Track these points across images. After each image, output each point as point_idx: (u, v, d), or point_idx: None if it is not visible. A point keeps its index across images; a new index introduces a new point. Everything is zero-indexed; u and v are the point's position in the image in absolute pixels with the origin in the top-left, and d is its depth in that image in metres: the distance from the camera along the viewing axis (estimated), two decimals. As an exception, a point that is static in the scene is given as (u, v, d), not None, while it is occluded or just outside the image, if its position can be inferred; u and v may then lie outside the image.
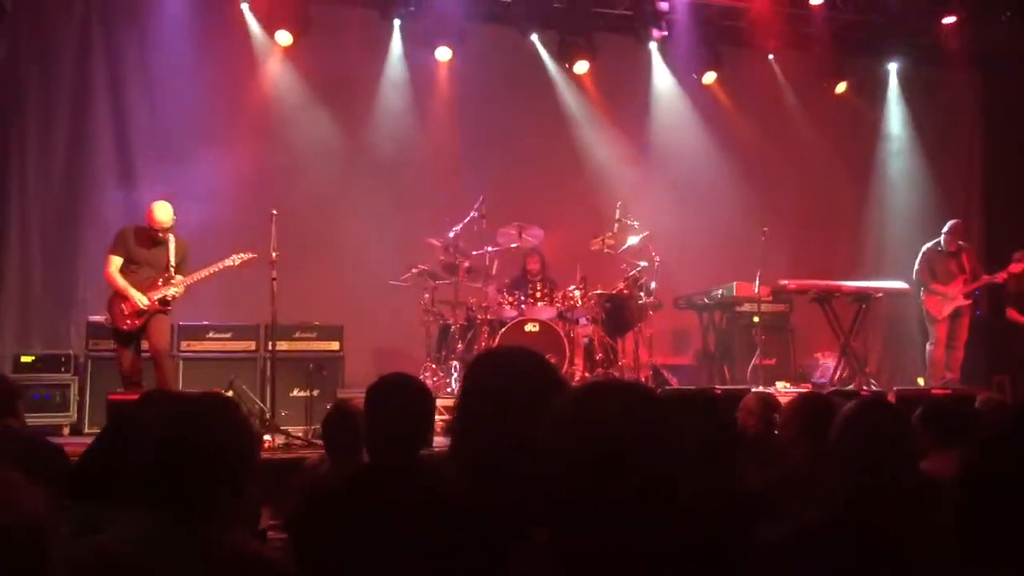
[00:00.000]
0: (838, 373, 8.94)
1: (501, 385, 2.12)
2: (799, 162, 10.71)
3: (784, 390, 7.94)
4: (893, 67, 11.26)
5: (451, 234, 8.15)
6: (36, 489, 1.39)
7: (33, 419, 6.46)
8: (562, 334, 8.01)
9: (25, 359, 7.75)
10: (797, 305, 9.67)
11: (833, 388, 7.87)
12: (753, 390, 5.58)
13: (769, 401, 4.30)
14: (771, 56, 10.73)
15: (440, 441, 2.69)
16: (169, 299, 6.80)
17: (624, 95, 10.50)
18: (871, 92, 11.16)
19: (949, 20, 10.16)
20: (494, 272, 8.46)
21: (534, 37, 10.25)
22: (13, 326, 8.39)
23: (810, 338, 9.84)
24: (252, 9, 9.27)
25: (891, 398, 6.37)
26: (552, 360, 7.74)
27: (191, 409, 2.06)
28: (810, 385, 8.85)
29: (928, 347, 9.04)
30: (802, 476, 3.13)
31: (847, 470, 2.24)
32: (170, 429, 1.99)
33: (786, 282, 9.01)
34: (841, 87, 10.67)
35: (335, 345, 8.28)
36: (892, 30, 10.50)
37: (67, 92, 8.80)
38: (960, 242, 8.97)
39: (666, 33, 10.21)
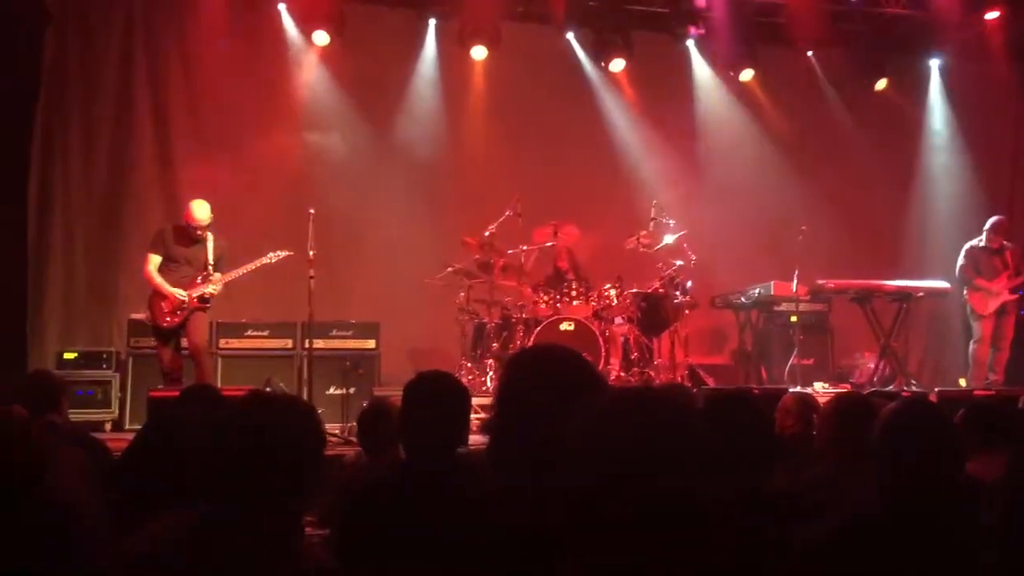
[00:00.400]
0: (878, 373, 8.83)
1: (539, 383, 2.11)
2: (838, 160, 10.57)
3: (823, 390, 7.86)
4: (935, 63, 11.09)
5: (486, 233, 8.15)
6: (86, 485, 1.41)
7: (76, 415, 6.58)
8: (597, 333, 7.98)
9: (68, 356, 7.89)
10: (836, 304, 9.56)
11: (873, 388, 7.77)
12: (791, 390, 5.53)
13: (808, 401, 4.25)
14: (810, 53, 10.60)
15: (475, 439, 2.69)
16: (208, 296, 6.88)
17: (660, 93, 10.44)
18: (912, 89, 10.99)
19: (992, 15, 9.98)
20: (529, 271, 8.47)
21: (570, 35, 10.23)
22: (57, 323, 8.53)
23: (849, 338, 9.73)
24: (289, 10, 9.35)
25: (933, 399, 6.27)
26: (587, 359, 7.74)
27: (264, 408, 2.07)
28: (849, 385, 8.75)
29: (972, 345, 8.87)
30: (841, 477, 3.09)
31: (888, 471, 2.21)
32: (246, 426, 2.00)
33: (825, 281, 8.92)
34: (881, 84, 10.52)
35: (371, 343, 8.32)
36: (934, 26, 10.33)
37: (110, 93, 8.93)
38: (1003, 239, 8.81)
39: (703, 31, 10.15)
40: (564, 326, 7.98)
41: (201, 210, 6.90)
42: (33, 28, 8.29)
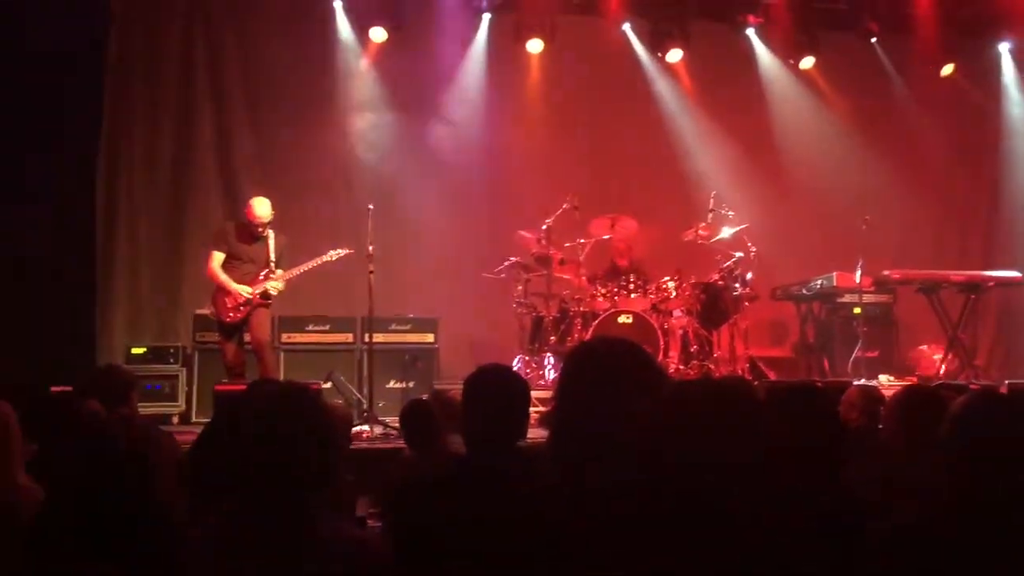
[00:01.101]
0: (945, 366, 8.62)
1: (599, 377, 2.10)
2: (904, 148, 10.32)
3: (888, 383, 7.70)
4: (1005, 47, 10.75)
5: (544, 226, 8.14)
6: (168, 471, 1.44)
7: (144, 408, 6.74)
8: (656, 326, 7.93)
9: (136, 351, 8.08)
10: (901, 296, 9.35)
11: (940, 381, 7.59)
12: (856, 383, 5.43)
13: (873, 395, 4.18)
14: (873, 39, 10.37)
15: (534, 433, 2.69)
16: (270, 293, 7.00)
17: (718, 83, 10.30)
18: (981, 74, 10.67)
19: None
20: (586, 264, 8.44)
21: (626, 27, 10.14)
22: (124, 319, 8.74)
23: (915, 330, 9.50)
24: (346, 7, 9.44)
25: (1003, 391, 6.10)
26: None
27: (276, 402, 2.11)
28: (915, 378, 8.55)
29: None
30: (907, 471, 3.03)
31: (959, 465, 2.15)
32: (261, 421, 2.05)
33: (890, 272, 8.72)
34: (948, 69, 10.23)
35: (430, 337, 8.39)
36: (1002, 9, 10.02)
37: (171, 90, 9.10)
38: None
39: (762, 20, 10.00)
40: (622, 319, 7.94)
41: (262, 207, 7.01)
42: (97, 28, 8.48)
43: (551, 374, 7.88)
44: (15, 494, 2.10)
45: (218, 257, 7.05)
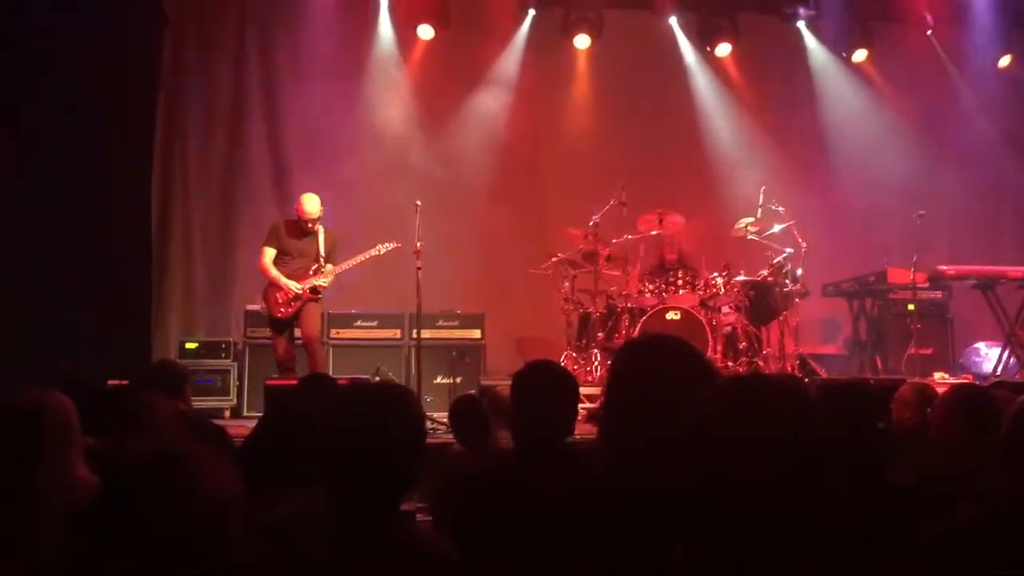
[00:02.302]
0: (1002, 364, 8.43)
1: (648, 374, 2.10)
2: (959, 141, 10.10)
3: (942, 381, 7.55)
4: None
5: (591, 222, 8.12)
6: (226, 465, 1.48)
7: (197, 402, 6.84)
8: (704, 322, 7.87)
9: (189, 346, 8.23)
10: (956, 292, 9.15)
11: (996, 379, 7.42)
12: (909, 381, 5.33)
13: (926, 393, 4.11)
14: (928, 31, 10.16)
15: (582, 429, 2.70)
16: (320, 288, 7.08)
17: (768, 77, 10.18)
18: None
19: None
20: (634, 260, 8.41)
21: (673, 20, 10.06)
22: (178, 314, 8.91)
23: (971, 327, 9.31)
24: (392, 6, 9.50)
25: (1063, 390, 5.95)
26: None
27: (369, 395, 2.14)
28: (971, 376, 8.38)
29: None
30: (961, 470, 2.98)
31: (1019, 465, 2.11)
32: (347, 414, 2.08)
33: (945, 267, 8.56)
34: (1005, 61, 9.99)
35: (477, 333, 8.42)
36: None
37: (225, 91, 9.25)
38: None
39: (813, 12, 9.86)
40: (670, 315, 7.89)
41: (311, 203, 7.10)
42: (152, 31, 8.65)
43: (598, 370, 7.86)
44: (76, 486, 2.16)
45: (269, 253, 7.15)
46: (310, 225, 7.13)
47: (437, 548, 2.02)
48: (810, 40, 10.21)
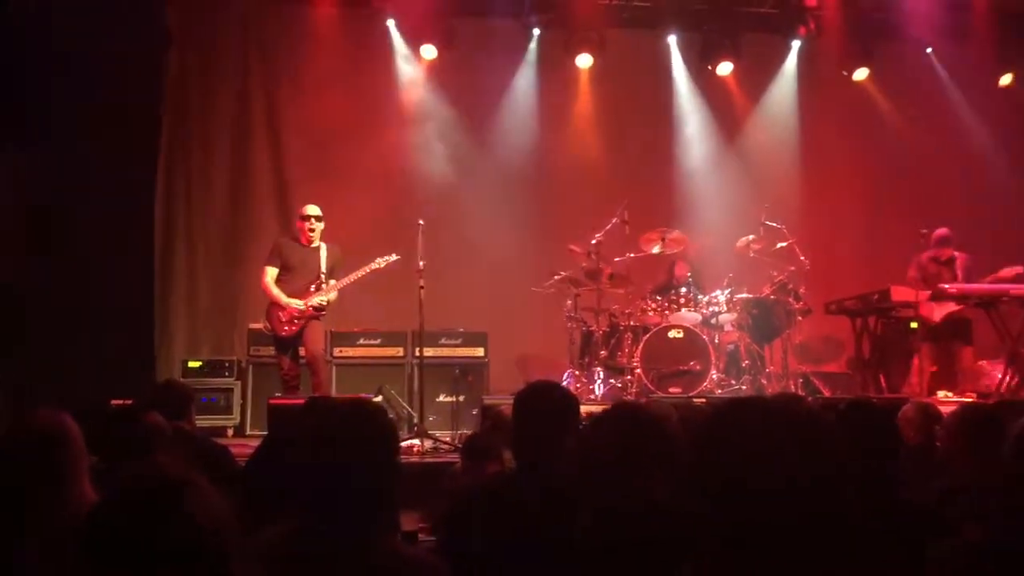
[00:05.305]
0: (1006, 382, 8.40)
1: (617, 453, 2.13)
2: (962, 160, 10.12)
3: (946, 399, 7.53)
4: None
5: (593, 241, 8.14)
6: (219, 492, 1.48)
7: (200, 421, 6.83)
8: (707, 341, 7.87)
9: (192, 364, 8.25)
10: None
11: (1000, 398, 7.39)
12: (912, 400, 5.32)
13: (930, 412, 4.10)
14: (929, 49, 10.20)
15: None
16: (323, 305, 7.08)
17: (769, 95, 10.23)
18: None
19: None
20: (637, 278, 8.41)
21: (671, 40, 10.11)
22: (183, 334, 8.93)
23: (975, 345, 9.28)
24: (398, 26, 9.55)
25: (1067, 409, 5.93)
26: (697, 367, 7.65)
27: (331, 414, 2.14)
28: (974, 395, 8.35)
29: None
30: (967, 489, 2.97)
31: (1021, 485, 2.11)
32: (326, 436, 2.08)
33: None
34: (1006, 79, 10.02)
35: (480, 351, 8.42)
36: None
37: (228, 110, 9.32)
38: None
39: (812, 27, 9.89)
40: (673, 334, 7.89)
41: (311, 208, 7.19)
42: (156, 50, 8.71)
43: (600, 389, 7.86)
44: (82, 507, 2.17)
45: (271, 272, 7.15)
46: (311, 232, 7.14)
47: (423, 566, 2.01)
48: (805, 59, 10.22)
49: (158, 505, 1.43)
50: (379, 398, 7.54)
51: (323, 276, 7.12)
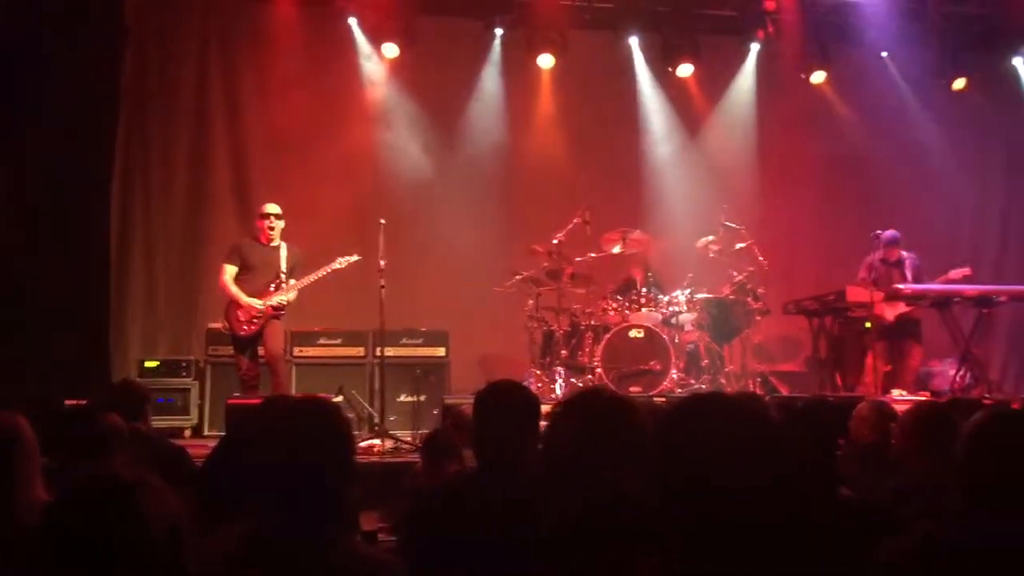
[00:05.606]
0: (958, 381, 8.57)
1: (585, 440, 2.14)
2: (916, 162, 10.30)
3: (900, 398, 7.66)
4: (1019, 61, 10.71)
5: (555, 240, 8.17)
6: (173, 492, 1.47)
7: (157, 422, 6.76)
8: (667, 340, 7.93)
9: (149, 364, 8.14)
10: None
11: (953, 396, 7.54)
12: (867, 398, 5.40)
13: (884, 410, 4.16)
14: (884, 53, 10.38)
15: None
16: (282, 305, 7.02)
17: (728, 97, 10.34)
18: (994, 88, 10.63)
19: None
20: (598, 278, 8.45)
21: (633, 41, 10.16)
22: (140, 334, 8.81)
23: (928, 344, 9.45)
24: (360, 24, 9.50)
25: (1016, 406, 6.06)
26: (657, 367, 7.70)
27: (293, 416, 2.13)
28: (928, 393, 8.50)
29: None
30: (920, 488, 3.03)
31: (974, 484, 2.15)
32: (275, 436, 2.06)
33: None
34: (959, 83, 10.22)
35: (441, 351, 8.41)
36: (1015, 22, 10.00)
37: (187, 106, 9.21)
38: None
39: (771, 30, 10.01)
40: (633, 333, 7.94)
41: (270, 206, 7.15)
42: (113, 45, 8.55)
43: (561, 388, 7.88)
44: (34, 507, 2.13)
45: (230, 270, 7.08)
46: (271, 231, 7.08)
47: (382, 566, 2.01)
48: (762, 63, 10.32)
49: (111, 505, 1.41)
50: (339, 398, 7.49)
51: (283, 276, 7.07)
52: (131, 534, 1.40)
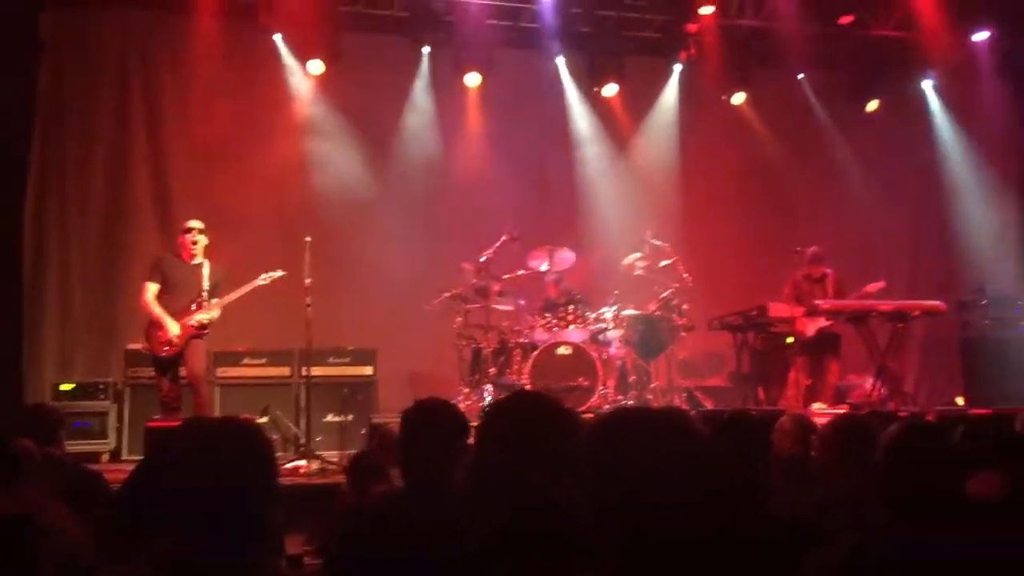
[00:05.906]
0: (875, 394, 8.81)
1: (517, 444, 2.12)
2: (832, 181, 10.64)
3: (820, 411, 7.83)
4: (928, 84, 11.15)
5: (482, 258, 8.17)
6: (76, 522, 1.42)
7: (73, 446, 6.54)
8: (594, 357, 7.98)
9: (64, 387, 7.86)
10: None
11: (871, 409, 7.74)
12: (789, 412, 5.51)
13: (805, 423, 4.24)
14: (801, 76, 10.69)
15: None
16: (205, 323, 6.87)
17: (653, 117, 10.53)
18: (905, 110, 11.04)
19: (981, 36, 10.09)
20: (526, 295, 8.48)
21: (560, 61, 10.29)
22: (54, 354, 8.52)
23: (847, 358, 9.70)
24: (285, 40, 9.40)
25: (930, 418, 6.26)
26: (584, 383, 7.73)
27: (212, 437, 2.08)
28: (847, 406, 8.72)
29: None
30: (842, 500, 3.09)
31: (893, 494, 2.20)
32: (194, 458, 2.02)
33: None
34: (872, 105, 10.58)
35: (368, 370, 8.32)
36: (924, 48, 10.40)
37: (106, 121, 9.00)
38: None
39: (693, 51, 10.23)
40: (561, 350, 7.98)
41: (193, 221, 7.01)
42: (27, 56, 8.31)
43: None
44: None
45: (151, 288, 6.89)
46: (193, 246, 6.92)
47: None
48: (687, 83, 10.55)
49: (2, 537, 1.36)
50: (265, 419, 7.35)
51: (205, 294, 6.91)
52: (19, 564, 1.35)
